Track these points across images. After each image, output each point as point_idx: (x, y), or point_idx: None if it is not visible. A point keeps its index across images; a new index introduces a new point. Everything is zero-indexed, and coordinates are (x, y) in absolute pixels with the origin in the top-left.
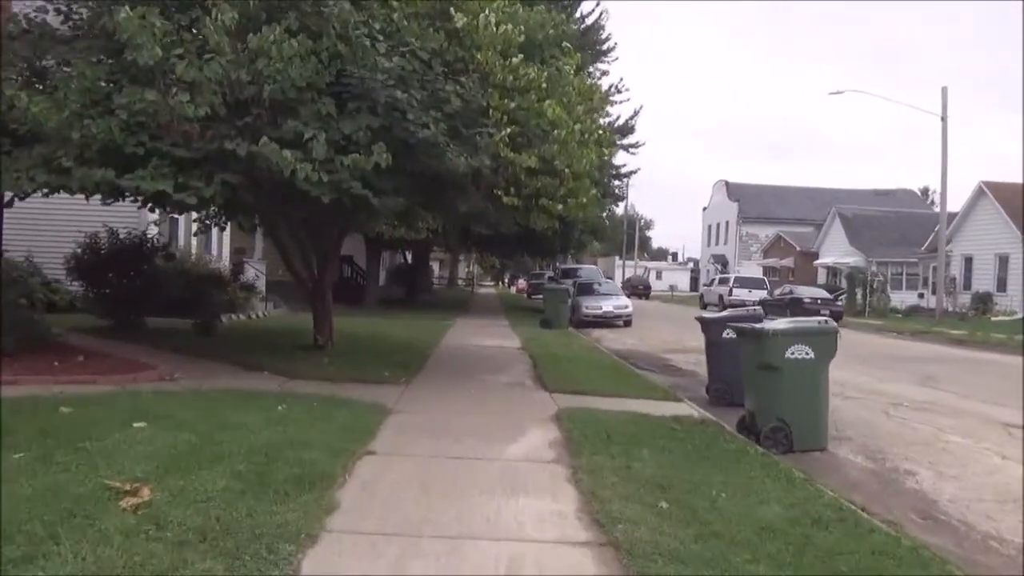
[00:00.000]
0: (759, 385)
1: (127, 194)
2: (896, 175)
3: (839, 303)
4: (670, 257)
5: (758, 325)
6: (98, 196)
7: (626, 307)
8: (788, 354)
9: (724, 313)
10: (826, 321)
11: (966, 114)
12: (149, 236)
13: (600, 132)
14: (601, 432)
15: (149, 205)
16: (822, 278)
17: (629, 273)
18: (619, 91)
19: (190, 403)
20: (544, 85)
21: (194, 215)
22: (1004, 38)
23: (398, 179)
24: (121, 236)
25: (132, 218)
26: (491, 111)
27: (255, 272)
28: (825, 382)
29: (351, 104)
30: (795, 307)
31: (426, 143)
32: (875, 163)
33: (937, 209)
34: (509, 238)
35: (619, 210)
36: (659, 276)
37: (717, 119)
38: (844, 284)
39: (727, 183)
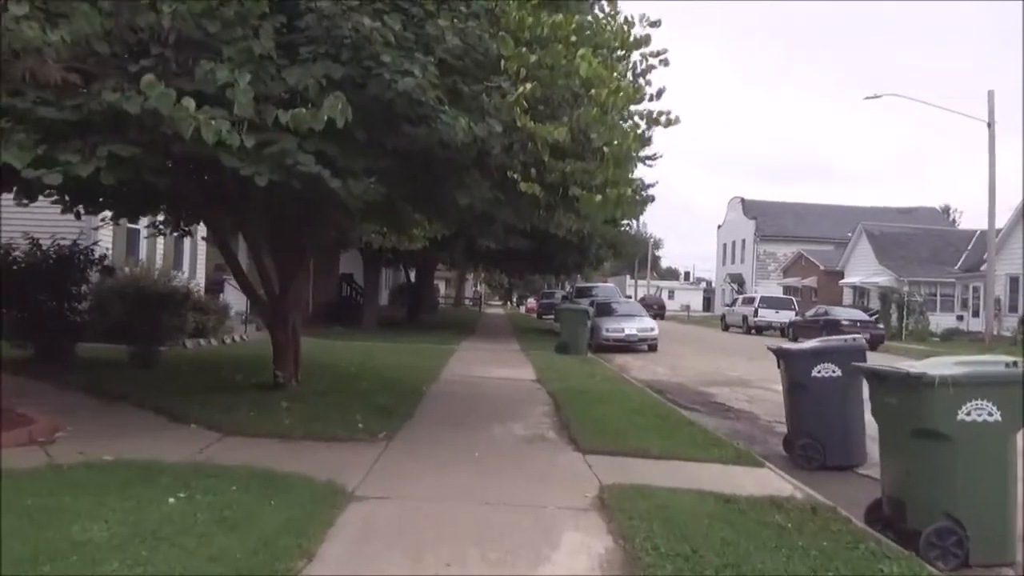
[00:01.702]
0: (912, 460)
1: None
2: (913, 194)
3: (880, 326)
4: (682, 276)
5: (915, 370)
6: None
7: (651, 330)
8: (963, 415)
9: (813, 344)
10: (1015, 363)
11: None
12: (82, 247)
13: (650, 97)
14: (678, 539)
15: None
16: (848, 298)
17: (642, 292)
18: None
19: (27, 495)
20: (573, 38)
21: (147, 219)
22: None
23: (373, 158)
24: (45, 246)
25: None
26: (503, 62)
27: (235, 291)
28: (1014, 459)
29: (304, 49)
30: (831, 329)
31: (408, 100)
32: (885, 182)
33: (963, 227)
34: (519, 253)
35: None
36: (671, 296)
37: (726, 137)
38: (875, 305)
39: (743, 200)
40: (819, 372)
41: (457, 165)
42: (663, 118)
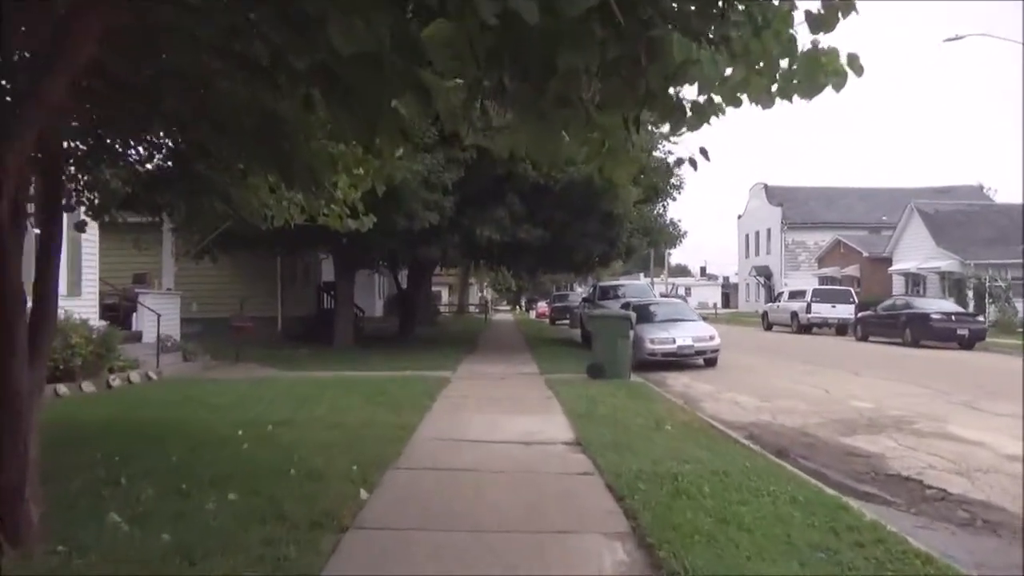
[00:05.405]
0: None
1: None
2: (941, 174)
3: (980, 319)
4: (697, 272)
5: None
6: None
7: (711, 338)
8: None
9: None
10: None
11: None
12: None
13: None
14: None
15: None
16: (899, 287)
17: (658, 290)
18: None
19: None
20: None
21: None
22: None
23: None
24: None
25: None
26: None
27: (151, 312)
28: None
29: None
30: (918, 326)
31: None
32: (908, 162)
33: (999, 200)
34: (529, 247)
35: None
36: (688, 292)
37: (729, 123)
38: (933, 293)
39: (766, 186)
40: None
41: None
42: None
